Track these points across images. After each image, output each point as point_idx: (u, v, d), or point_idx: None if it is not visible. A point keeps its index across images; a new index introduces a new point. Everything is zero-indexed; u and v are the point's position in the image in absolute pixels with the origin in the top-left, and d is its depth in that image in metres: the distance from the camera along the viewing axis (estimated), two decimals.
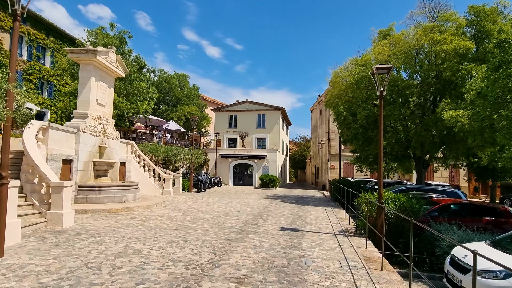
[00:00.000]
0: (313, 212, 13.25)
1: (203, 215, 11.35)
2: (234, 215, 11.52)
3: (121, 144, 16.09)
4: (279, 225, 9.91)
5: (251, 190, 25.99)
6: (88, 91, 12.84)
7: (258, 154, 32.77)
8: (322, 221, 10.97)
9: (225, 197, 18.76)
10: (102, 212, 10.89)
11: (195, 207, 13.27)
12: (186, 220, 10.07)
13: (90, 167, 12.81)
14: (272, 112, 36.79)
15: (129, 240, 7.19)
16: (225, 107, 38.04)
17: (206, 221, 10.13)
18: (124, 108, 18.34)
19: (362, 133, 15.61)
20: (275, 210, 13.36)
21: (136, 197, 13.49)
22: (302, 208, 14.55)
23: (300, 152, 55.04)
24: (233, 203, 15.64)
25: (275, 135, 36.57)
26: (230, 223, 9.95)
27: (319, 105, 40.70)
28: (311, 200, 19.44)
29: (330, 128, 32.81)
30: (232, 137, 37.31)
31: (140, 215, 10.70)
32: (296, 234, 8.60)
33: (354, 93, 16.60)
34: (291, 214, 12.36)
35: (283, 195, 22.10)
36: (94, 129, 13.01)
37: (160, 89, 29.38)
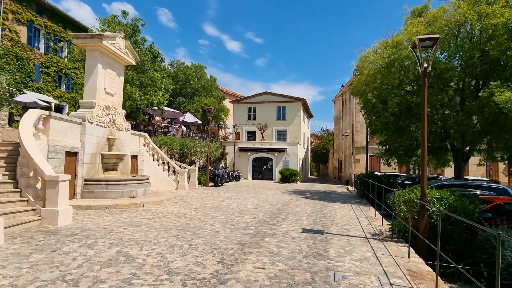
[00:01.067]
0: (338, 210, 11.89)
1: (216, 212, 10.29)
2: (250, 213, 10.38)
3: (133, 136, 15.31)
4: (300, 225, 8.67)
5: (271, 185, 24.81)
6: (95, 79, 12.03)
7: (278, 147, 31.48)
8: (349, 221, 9.62)
9: (242, 192, 17.69)
10: (107, 208, 10.07)
11: (208, 203, 12.25)
12: (196, 219, 9.03)
13: (98, 160, 12.05)
14: (293, 104, 35.28)
15: (126, 243, 6.20)
16: (243, 99, 36.90)
17: (218, 220, 9.05)
18: (138, 99, 17.57)
19: (393, 122, 13.97)
20: (296, 207, 12.11)
21: (147, 192, 12.65)
22: (326, 205, 13.21)
23: (322, 145, 53.18)
24: (250, 199, 14.52)
25: (295, 127, 35.10)
26: (245, 222, 8.82)
27: (342, 95, 38.72)
28: (335, 196, 18.00)
29: (355, 119, 30.95)
30: (251, 129, 36.18)
31: (147, 212, 9.78)
32: (320, 237, 7.34)
33: (384, 78, 14.92)
34: (314, 212, 11.08)
35: (304, 190, 20.77)
36: (102, 120, 12.21)
37: (176, 80, 28.62)
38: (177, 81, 28.64)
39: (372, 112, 15.32)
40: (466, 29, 14.00)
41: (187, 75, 29.26)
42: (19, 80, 22.30)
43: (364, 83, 16.64)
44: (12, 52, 21.83)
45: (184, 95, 29.81)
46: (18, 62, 22.30)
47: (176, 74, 29.05)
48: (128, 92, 17.22)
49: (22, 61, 22.54)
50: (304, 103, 36.16)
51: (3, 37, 21.36)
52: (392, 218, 8.28)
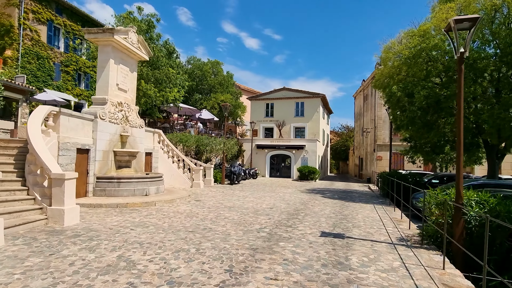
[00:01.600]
0: (360, 211, 11.11)
1: (229, 212, 9.79)
2: (265, 214, 9.81)
3: (147, 133, 15.07)
4: (318, 228, 8.02)
5: (289, 183, 24.13)
6: (107, 75, 11.79)
7: (296, 144, 30.70)
8: (373, 224, 8.86)
9: (258, 190, 17.14)
10: (118, 207, 9.79)
11: (222, 202, 11.78)
12: (208, 219, 8.56)
13: (111, 157, 11.84)
14: (311, 100, 34.33)
15: (130, 246, 5.79)
16: (261, 96, 36.29)
17: (230, 220, 8.54)
18: (153, 96, 17.34)
19: (420, 116, 12.95)
20: (314, 208, 11.43)
21: (160, 190, 12.34)
22: (347, 206, 12.44)
23: (342, 142, 51.80)
24: (266, 198, 13.95)
25: (314, 123, 34.16)
26: (259, 224, 8.26)
27: (363, 90, 37.35)
28: (356, 195, 17.12)
29: (377, 115, 29.69)
30: (269, 126, 35.54)
31: (158, 212, 9.42)
32: (341, 242, 6.67)
33: (410, 70, 13.90)
34: (334, 213, 10.37)
35: (323, 189, 19.97)
36: (114, 116, 11.98)
37: (193, 77, 28.39)
38: (193, 78, 28.42)
39: (397, 106, 14.34)
40: (503, 14, 12.76)
41: (203, 71, 28.97)
42: (40, 78, 22.71)
43: (387, 75, 15.63)
44: (32, 51, 22.23)
45: (201, 91, 29.56)
46: (39, 61, 22.70)
47: (192, 70, 28.82)
48: (143, 89, 17.03)
49: (42, 60, 22.93)
50: (323, 98, 35.13)
51: (24, 37, 21.77)
52: (422, 221, 7.47)
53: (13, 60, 21.01)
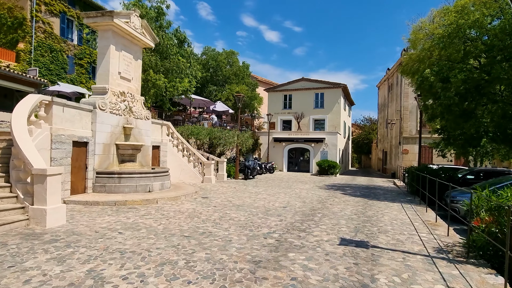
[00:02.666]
0: (386, 212, 9.77)
1: (237, 212, 8.75)
2: (277, 214, 8.69)
3: (154, 125, 14.26)
4: (337, 233, 6.82)
5: (307, 178, 22.85)
6: (108, 62, 10.97)
7: (316, 137, 29.25)
8: (402, 228, 7.54)
9: (274, 186, 16.02)
10: (116, 204, 8.98)
11: (231, 200, 10.77)
12: (210, 221, 7.56)
13: (113, 150, 11.07)
14: (332, 90, 32.62)
15: (109, 256, 4.86)
16: (278, 87, 34.92)
17: (236, 222, 7.49)
18: (162, 86, 16.51)
19: (458, 103, 11.31)
20: (333, 207, 10.19)
21: (165, 185, 11.48)
22: (370, 205, 11.10)
23: (364, 135, 49.57)
24: (281, 194, 12.82)
25: (335, 115, 32.50)
26: (268, 227, 7.16)
27: (388, 79, 35.14)
28: (381, 192, 15.64)
29: (403, 105, 27.65)
30: (287, 119, 34.20)
31: (158, 211, 8.52)
32: (364, 253, 5.46)
33: (445, 51, 12.21)
34: (356, 214, 9.10)
35: (344, 185, 18.57)
36: (116, 107, 11.17)
37: (207, 68, 27.44)
38: (208, 69, 27.47)
39: (429, 93, 12.69)
40: None
41: (218, 61, 27.94)
42: (53, 72, 22.50)
43: (417, 59, 13.97)
44: (45, 44, 21.99)
45: (215, 83, 28.59)
46: (52, 54, 22.46)
47: (207, 61, 27.86)
48: (152, 79, 16.21)
49: (55, 52, 22.68)
50: (345, 89, 33.33)
51: (37, 29, 21.53)
52: (468, 232, 6.12)
53: (26, 53, 20.83)
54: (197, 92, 28.03)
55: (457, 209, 9.70)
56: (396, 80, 30.29)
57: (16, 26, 20.94)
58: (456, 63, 12.20)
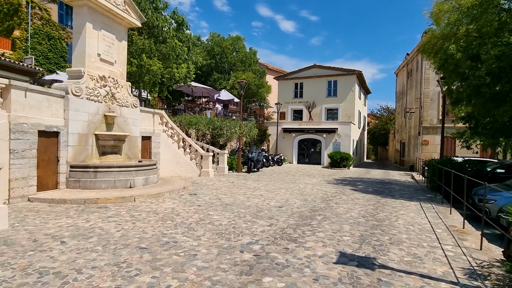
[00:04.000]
0: (401, 213, 8.23)
1: (221, 213, 7.45)
2: (269, 216, 7.34)
3: (144, 114, 13.10)
4: (336, 244, 5.40)
5: (317, 171, 21.32)
6: (83, 43, 9.77)
7: (327, 128, 27.53)
8: (421, 237, 6.04)
9: (277, 180, 14.65)
10: (86, 203, 7.87)
11: (222, 197, 9.49)
12: (185, 225, 6.29)
13: (91, 141, 9.95)
14: (346, 77, 30.65)
15: (20, 279, 3.66)
16: (289, 75, 33.16)
17: (214, 228, 6.19)
18: (158, 72, 15.29)
19: (490, 84, 9.51)
20: (339, 207, 8.73)
21: (150, 180, 10.30)
22: (383, 204, 9.56)
23: (381, 125, 47.16)
24: (281, 190, 11.45)
25: (349, 104, 30.59)
26: (252, 234, 5.83)
27: (407, 65, 32.74)
28: (397, 187, 13.99)
29: (423, 92, 25.47)
30: (298, 108, 32.53)
31: (130, 211, 7.34)
32: (368, 278, 4.04)
33: (475, 23, 10.37)
34: (364, 216, 7.63)
35: (356, 179, 16.97)
36: (95, 93, 10.01)
37: (212, 54, 26.04)
38: (213, 55, 26.07)
39: (454, 73, 10.87)
40: None
41: (223, 48, 26.46)
42: (52, 60, 21.70)
43: (441, 35, 12.11)
44: (43, 31, 21.13)
45: (221, 70, 27.15)
46: (50, 41, 21.60)
47: (211, 47, 26.43)
48: (146, 65, 15.00)
49: (54, 40, 21.81)
50: (360, 76, 31.27)
51: (33, 16, 20.67)
52: (505, 243, 4.60)
53: (21, 41, 20.04)
54: (202, 81, 26.77)
55: (488, 210, 8.11)
56: (416, 65, 28.02)
57: (12, 12, 20.16)
58: (488, 38, 10.32)
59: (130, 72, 15.12)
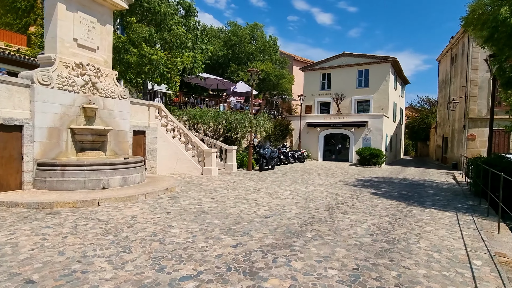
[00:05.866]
0: (428, 230, 6.16)
1: (186, 225, 5.96)
2: (244, 230, 5.71)
3: (138, 107, 11.99)
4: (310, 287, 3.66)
5: (342, 169, 19.14)
6: (55, 26, 8.74)
7: (356, 121, 25.02)
8: (448, 276, 4.06)
9: (287, 180, 12.89)
10: (40, 207, 6.81)
11: (203, 203, 8.00)
12: (123, 243, 4.88)
13: (65, 136, 8.94)
14: (378, 66, 27.73)
15: None
16: (315, 65, 30.82)
17: (159, 247, 4.71)
18: (160, 62, 14.16)
19: None
20: (343, 219, 6.83)
21: (130, 180, 9.09)
22: (406, 214, 7.48)
23: (421, 119, 42.96)
24: (284, 193, 9.71)
25: (382, 95, 27.67)
26: (201, 261, 4.26)
27: (451, 50, 28.94)
28: (430, 191, 11.60)
29: (470, 79, 22.04)
30: (325, 101, 30.17)
31: (80, 219, 6.11)
32: None
33: None
34: (372, 234, 5.71)
35: (383, 179, 14.67)
36: (69, 82, 8.96)
37: (229, 45, 24.61)
38: (230, 46, 24.64)
39: (507, 44, 8.36)
40: None
41: (240, 37, 24.88)
42: None
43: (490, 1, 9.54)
44: None
45: (238, 61, 25.63)
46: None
47: (228, 37, 24.99)
48: (147, 54, 13.91)
49: None
50: (395, 63, 28.15)
51: None
52: None
53: (37, 36, 20.04)
54: (219, 73, 25.46)
55: None
56: (462, 48, 24.46)
57: (29, 9, 20.25)
58: None
59: (131, 63, 14.14)
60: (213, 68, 25.38)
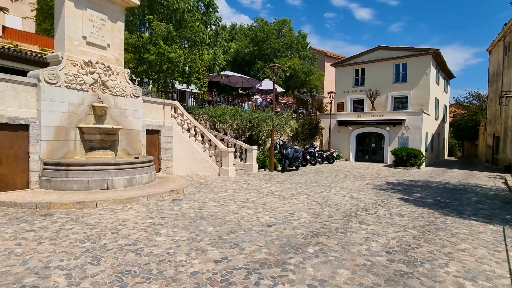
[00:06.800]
0: (462, 248, 5.02)
1: (175, 232, 5.39)
2: (238, 241, 5.01)
3: (152, 105, 11.76)
4: None
5: (373, 170, 17.70)
6: (63, 23, 8.67)
7: (391, 119, 23.23)
8: None
9: (308, 182, 11.96)
10: (37, 207, 6.66)
11: (205, 207, 7.41)
12: (96, 253, 4.41)
13: (73, 135, 8.84)
14: (418, 58, 25.55)
15: None
16: (348, 60, 29.19)
17: (131, 260, 4.17)
18: (179, 60, 13.91)
19: None
20: (359, 231, 5.85)
21: (136, 180, 8.76)
22: (438, 226, 6.30)
23: (469, 116, 39.24)
24: (300, 197, 8.85)
25: (421, 91, 25.46)
26: (174, 281, 3.63)
27: (504, 38, 25.88)
28: (473, 198, 10.04)
29: None
30: (358, 98, 28.48)
31: (68, 222, 5.80)
32: None
33: None
34: (390, 252, 4.72)
35: (417, 183, 13.16)
36: (77, 80, 8.84)
37: (255, 42, 23.97)
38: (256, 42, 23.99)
39: None
40: None
41: (266, 32, 24.10)
42: None
43: None
44: None
45: (265, 58, 24.86)
46: None
47: (255, 34, 24.36)
48: (166, 52, 13.72)
49: None
50: (437, 55, 25.75)
51: None
52: None
53: None
54: (245, 71, 24.92)
55: None
56: None
57: None
58: None
59: (150, 61, 14.04)
60: (240, 66, 24.93)
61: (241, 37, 24.63)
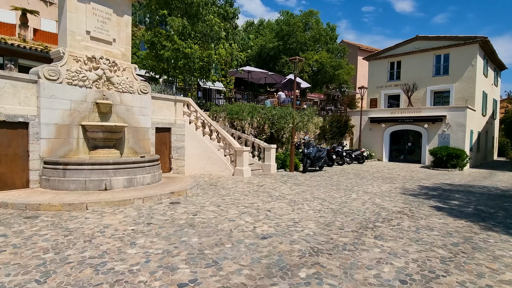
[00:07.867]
0: (505, 280, 3.83)
1: (153, 242, 4.73)
2: (218, 258, 4.22)
3: (163, 102, 11.33)
4: None
5: (407, 172, 16.05)
6: (65, 18, 8.40)
7: (430, 115, 21.15)
8: None
9: (327, 185, 10.87)
10: (27, 208, 6.38)
11: (203, 212, 6.71)
12: (43, 269, 3.86)
13: (76, 133, 8.57)
14: (462, 48, 23.02)
15: None
16: (382, 53, 27.16)
17: (83, 278, 3.55)
18: (194, 55, 13.43)
19: None
20: (372, 248, 4.80)
21: (137, 181, 8.29)
22: (476, 245, 5.06)
23: None
24: (313, 203, 7.87)
25: (466, 84, 22.92)
26: None
27: None
28: None
29: None
30: (394, 93, 26.42)
31: (47, 227, 5.39)
32: None
33: None
34: (407, 281, 3.67)
35: (457, 187, 11.51)
36: (80, 77, 8.56)
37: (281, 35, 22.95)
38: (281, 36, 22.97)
39: None
40: None
41: (291, 26, 22.94)
42: None
43: None
44: None
45: (290, 53, 23.71)
46: None
47: (280, 28, 23.33)
48: (182, 48, 13.29)
49: None
50: (484, 44, 23.05)
51: None
52: None
53: None
54: (269, 66, 24.01)
55: None
56: None
57: None
58: None
59: (166, 57, 13.69)
60: (264, 61, 24.07)
61: (265, 31, 23.78)
